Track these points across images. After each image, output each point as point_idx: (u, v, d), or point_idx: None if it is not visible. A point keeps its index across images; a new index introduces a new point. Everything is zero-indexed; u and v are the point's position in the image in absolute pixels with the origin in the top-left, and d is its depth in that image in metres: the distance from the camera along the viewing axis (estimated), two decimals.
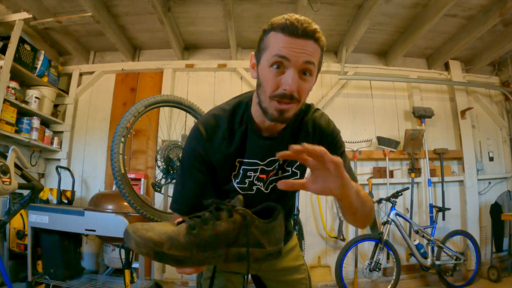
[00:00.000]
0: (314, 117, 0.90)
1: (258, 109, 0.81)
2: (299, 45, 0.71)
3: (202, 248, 0.58)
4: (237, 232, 0.61)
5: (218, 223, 0.60)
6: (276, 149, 0.87)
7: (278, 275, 1.07)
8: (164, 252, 0.56)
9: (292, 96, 0.73)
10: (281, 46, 0.72)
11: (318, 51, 0.74)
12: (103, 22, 2.91)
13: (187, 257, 0.57)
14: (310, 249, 3.21)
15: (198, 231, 0.59)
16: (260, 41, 0.78)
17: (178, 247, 0.57)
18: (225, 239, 0.60)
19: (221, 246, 0.60)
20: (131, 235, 0.57)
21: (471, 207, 3.41)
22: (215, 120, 0.87)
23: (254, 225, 0.62)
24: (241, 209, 0.63)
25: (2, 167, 1.62)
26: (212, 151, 0.86)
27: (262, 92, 0.77)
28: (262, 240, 0.63)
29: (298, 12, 2.78)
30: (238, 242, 0.62)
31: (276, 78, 0.73)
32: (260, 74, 0.78)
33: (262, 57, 0.77)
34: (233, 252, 0.61)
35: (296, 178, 0.93)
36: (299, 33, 0.71)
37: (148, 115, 2.68)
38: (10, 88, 2.65)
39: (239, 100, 0.90)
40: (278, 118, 0.76)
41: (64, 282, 2.31)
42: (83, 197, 3.31)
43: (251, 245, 0.62)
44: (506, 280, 3.05)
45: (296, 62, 0.72)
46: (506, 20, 2.96)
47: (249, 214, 0.62)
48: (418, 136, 3.35)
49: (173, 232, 0.58)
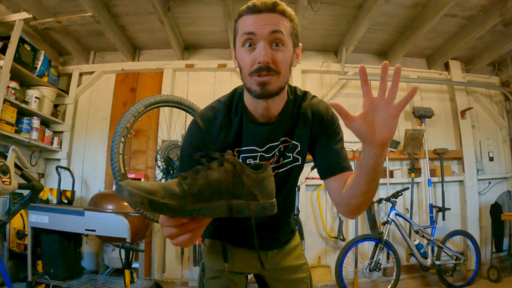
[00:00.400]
0: (312, 103, 0.91)
1: (249, 97, 0.82)
2: (263, 19, 0.75)
3: (196, 197, 0.58)
4: (230, 181, 0.61)
5: (210, 172, 0.61)
6: (274, 134, 0.87)
7: (281, 274, 1.07)
8: (158, 201, 0.54)
9: (269, 67, 0.75)
10: (247, 24, 0.76)
11: (285, 21, 0.77)
12: (103, 22, 2.91)
13: (181, 205, 0.56)
14: (310, 249, 3.21)
15: (190, 180, 0.59)
16: (234, 31, 0.83)
17: (172, 195, 0.56)
18: (219, 188, 0.60)
19: (216, 196, 0.60)
20: (123, 187, 0.55)
21: (471, 207, 3.41)
22: (212, 111, 0.88)
23: (245, 174, 0.63)
24: (231, 158, 0.63)
25: (2, 167, 1.62)
26: (211, 142, 0.87)
27: (243, 74, 0.80)
28: (254, 190, 0.63)
29: (298, 12, 2.79)
30: (232, 192, 0.61)
31: (249, 56, 0.76)
32: (238, 58, 0.81)
33: (236, 43, 0.81)
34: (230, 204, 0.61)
35: (297, 164, 0.92)
36: (260, 9, 0.75)
37: (148, 115, 2.68)
38: (10, 88, 2.65)
39: (234, 90, 0.93)
40: (262, 92, 0.77)
41: (64, 282, 2.31)
42: (83, 197, 3.30)
43: (245, 195, 0.62)
44: (506, 280, 3.05)
45: (263, 34, 0.75)
46: (506, 20, 2.96)
47: (239, 163, 0.63)
48: (418, 136, 3.35)
49: (166, 183, 0.59)
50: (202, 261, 1.06)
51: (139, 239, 2.56)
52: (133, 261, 2.17)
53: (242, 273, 1.05)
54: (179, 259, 3.15)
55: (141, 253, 2.53)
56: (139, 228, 2.42)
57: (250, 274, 1.11)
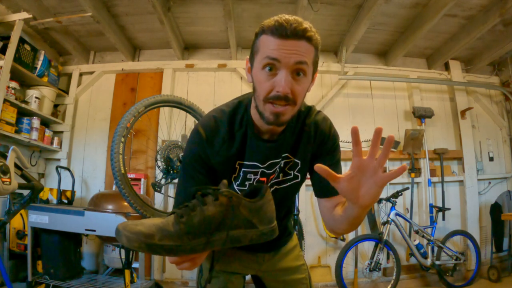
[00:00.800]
0: (317, 120, 0.90)
1: (256, 112, 0.80)
2: (290, 46, 0.71)
3: (192, 234, 0.58)
4: (226, 214, 0.61)
5: (205, 207, 0.60)
6: (276, 152, 0.87)
7: (279, 275, 1.07)
8: (155, 244, 0.55)
9: (287, 97, 0.72)
10: (271, 49, 0.71)
11: (311, 50, 0.73)
12: (103, 22, 2.91)
13: (179, 245, 0.57)
14: (310, 249, 3.21)
15: (186, 218, 0.59)
16: (253, 45, 0.78)
17: (168, 236, 0.57)
18: (215, 223, 0.60)
19: (213, 231, 0.60)
20: (121, 232, 0.57)
21: (471, 207, 3.41)
22: (215, 123, 0.86)
23: (241, 205, 0.62)
24: (226, 191, 0.62)
25: (2, 167, 1.62)
26: (213, 153, 0.85)
27: (257, 96, 0.77)
28: (253, 219, 0.62)
29: (298, 12, 2.78)
30: (229, 225, 0.61)
31: (269, 81, 0.73)
32: (254, 77, 0.78)
33: (255, 60, 0.77)
34: (225, 236, 0.61)
35: (297, 181, 0.93)
36: (288, 34, 0.70)
37: (148, 115, 2.68)
38: (10, 88, 2.65)
39: (239, 102, 0.89)
40: (274, 122, 0.76)
41: (64, 282, 2.31)
42: (83, 197, 3.31)
43: (243, 226, 0.61)
44: (506, 280, 3.05)
45: (287, 63, 0.71)
46: (506, 20, 2.96)
47: (234, 195, 0.62)
48: (418, 136, 3.35)
49: (162, 224, 0.59)
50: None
51: None
52: (133, 261, 2.17)
53: (239, 274, 1.06)
54: None
55: (141, 253, 2.54)
56: None
57: (247, 275, 1.11)
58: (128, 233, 0.56)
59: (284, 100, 0.72)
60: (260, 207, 0.64)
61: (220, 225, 0.61)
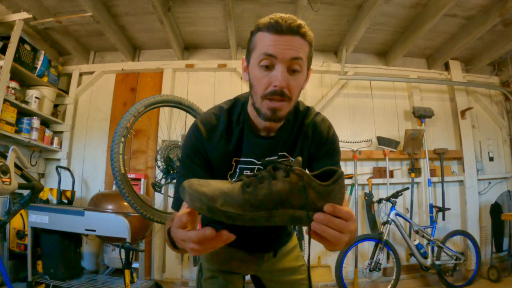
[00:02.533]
0: (315, 121, 0.90)
1: (254, 109, 0.81)
2: (285, 42, 0.72)
3: (255, 206, 0.57)
4: (293, 192, 0.58)
5: (274, 182, 0.58)
6: (272, 149, 0.87)
7: (278, 276, 1.07)
8: (217, 208, 0.55)
9: (283, 92, 0.73)
10: (267, 44, 0.73)
11: (305, 46, 0.75)
12: (103, 22, 2.91)
13: (239, 214, 0.56)
14: (310, 249, 3.20)
15: (252, 189, 0.58)
16: (249, 43, 0.80)
17: (231, 203, 0.56)
18: (280, 199, 0.58)
19: (276, 207, 0.58)
20: (186, 189, 0.57)
21: (471, 207, 3.41)
22: (214, 119, 0.87)
23: (311, 187, 0.59)
24: (298, 169, 0.60)
25: (2, 167, 1.62)
26: (210, 148, 0.87)
27: (254, 93, 0.78)
28: (319, 203, 0.59)
29: (298, 12, 2.78)
30: (294, 204, 0.59)
31: (265, 77, 0.74)
32: (251, 74, 0.79)
33: (251, 57, 0.78)
34: (288, 214, 0.59)
35: None
36: (283, 30, 0.72)
37: (148, 115, 2.68)
38: (10, 88, 2.65)
39: (236, 99, 0.91)
40: (271, 117, 0.77)
41: (64, 282, 2.31)
42: (83, 197, 3.30)
43: (308, 207, 0.59)
44: (506, 280, 3.05)
45: (283, 59, 0.73)
46: (506, 20, 2.96)
47: (306, 175, 0.60)
48: (418, 136, 3.35)
49: (227, 189, 0.58)
50: (200, 262, 1.07)
51: (139, 239, 2.56)
52: (133, 261, 2.17)
53: (239, 273, 1.06)
54: (179, 259, 3.15)
55: (141, 253, 2.54)
56: (139, 228, 2.42)
57: (247, 275, 1.11)
58: (193, 192, 0.55)
59: (280, 95, 0.74)
60: (330, 192, 0.60)
61: (285, 202, 0.59)
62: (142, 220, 2.39)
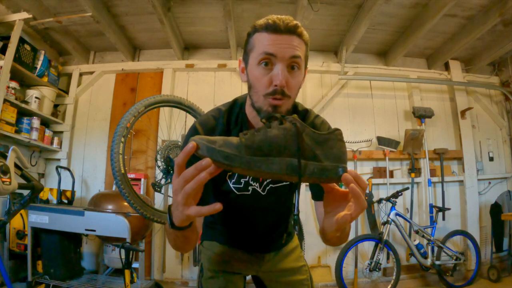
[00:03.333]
0: (315, 124, 0.90)
1: (252, 110, 0.82)
2: (284, 41, 0.74)
3: (251, 149, 0.59)
4: (290, 140, 0.61)
5: (269, 130, 0.62)
6: None
7: (279, 276, 1.07)
8: (215, 148, 0.58)
9: (283, 92, 0.74)
10: (267, 44, 0.74)
11: (302, 45, 0.77)
12: (103, 22, 2.91)
13: (236, 155, 0.58)
14: (310, 249, 3.21)
15: (249, 135, 0.61)
16: (246, 44, 0.81)
17: (229, 146, 0.59)
18: (276, 146, 0.60)
19: (273, 153, 0.60)
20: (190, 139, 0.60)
21: (471, 207, 3.41)
22: (212, 121, 0.88)
23: (305, 132, 0.62)
24: (291, 118, 0.63)
25: (2, 167, 1.62)
26: None
27: (254, 92, 0.78)
28: (316, 151, 0.61)
29: (298, 12, 2.79)
30: (291, 152, 0.60)
31: (266, 75, 0.75)
32: (250, 75, 0.79)
33: (249, 58, 0.79)
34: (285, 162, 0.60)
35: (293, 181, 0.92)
36: (282, 29, 0.73)
37: (148, 115, 2.68)
38: (10, 88, 2.65)
39: (234, 101, 0.91)
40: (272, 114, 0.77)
41: (64, 282, 2.31)
42: (83, 197, 3.30)
43: (305, 156, 0.60)
44: (506, 280, 3.05)
45: (283, 57, 0.74)
46: (506, 20, 2.96)
47: (298, 121, 0.62)
48: (418, 136, 3.35)
49: (227, 138, 0.61)
50: (201, 262, 1.07)
51: (139, 239, 2.56)
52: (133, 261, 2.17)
53: (240, 273, 1.06)
54: (179, 259, 3.15)
55: (141, 253, 2.54)
56: (139, 228, 2.42)
57: (248, 276, 1.11)
58: (195, 137, 0.59)
59: (281, 94, 0.75)
60: (326, 140, 0.62)
61: (283, 150, 0.60)
62: (142, 220, 2.40)
